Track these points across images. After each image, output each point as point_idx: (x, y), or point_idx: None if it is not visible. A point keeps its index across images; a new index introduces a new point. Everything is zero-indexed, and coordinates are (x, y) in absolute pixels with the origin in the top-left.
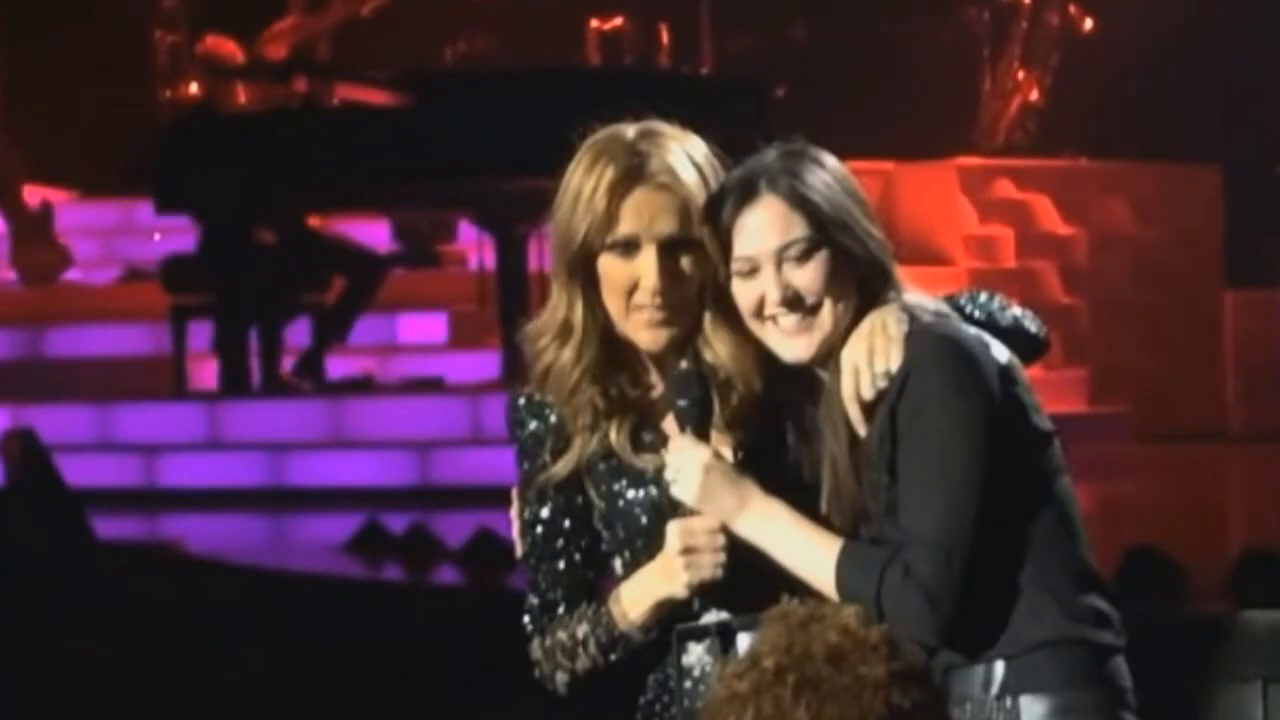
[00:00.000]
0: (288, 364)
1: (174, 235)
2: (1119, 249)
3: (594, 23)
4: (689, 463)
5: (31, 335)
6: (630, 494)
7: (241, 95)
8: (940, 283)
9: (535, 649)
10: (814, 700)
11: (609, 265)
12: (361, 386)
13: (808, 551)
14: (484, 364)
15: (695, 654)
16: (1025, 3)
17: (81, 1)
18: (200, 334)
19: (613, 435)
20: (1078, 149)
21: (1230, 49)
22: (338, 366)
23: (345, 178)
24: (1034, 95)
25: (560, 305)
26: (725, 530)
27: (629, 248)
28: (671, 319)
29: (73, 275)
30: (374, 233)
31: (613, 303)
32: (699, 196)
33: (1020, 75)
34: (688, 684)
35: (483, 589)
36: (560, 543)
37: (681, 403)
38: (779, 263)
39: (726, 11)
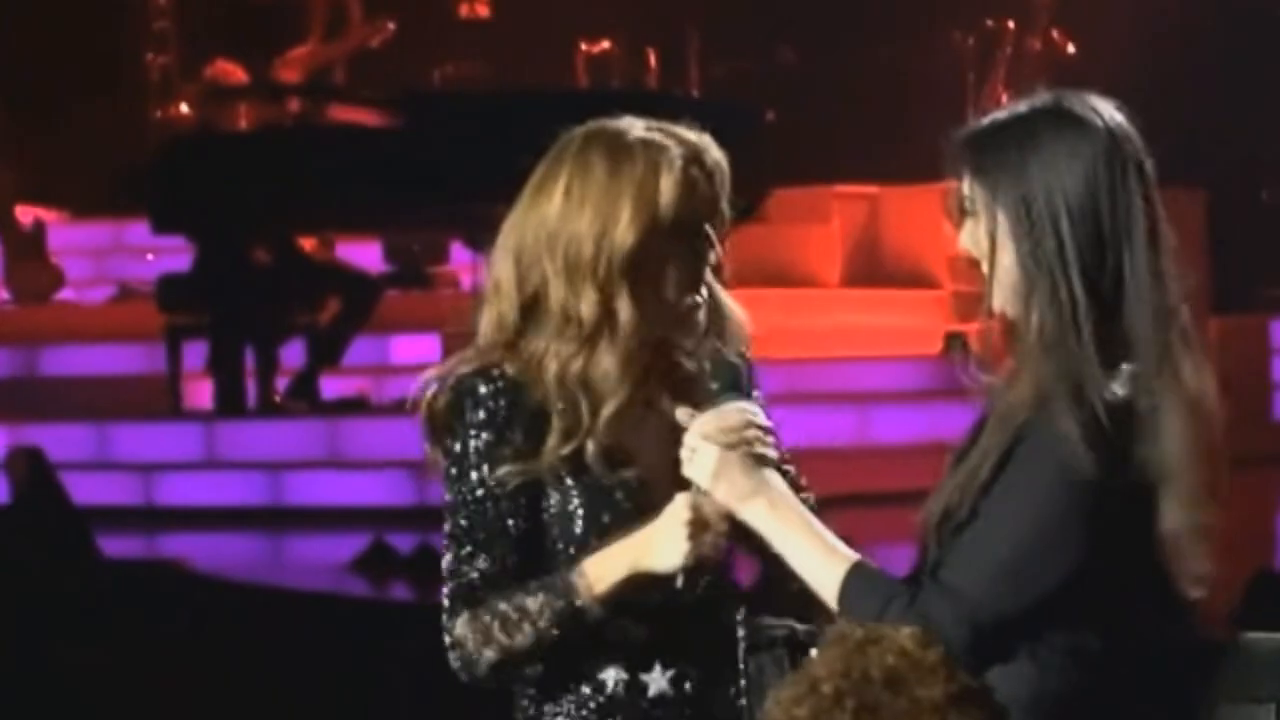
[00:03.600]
0: (283, 384)
1: (167, 255)
2: None
3: (583, 46)
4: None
5: (27, 354)
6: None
7: (239, 117)
8: (925, 306)
9: (460, 624)
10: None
11: (679, 250)
12: (356, 406)
13: (814, 556)
14: None
15: (657, 677)
16: (1009, 28)
17: (73, 22)
18: (194, 353)
19: (590, 448)
20: None
21: (1215, 74)
22: (331, 387)
23: (340, 199)
24: None
25: (585, 310)
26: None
27: (697, 230)
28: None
29: (65, 295)
30: (366, 254)
31: (669, 292)
32: (724, 167)
33: (1004, 99)
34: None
35: None
36: (514, 517)
37: (714, 385)
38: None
39: (714, 36)
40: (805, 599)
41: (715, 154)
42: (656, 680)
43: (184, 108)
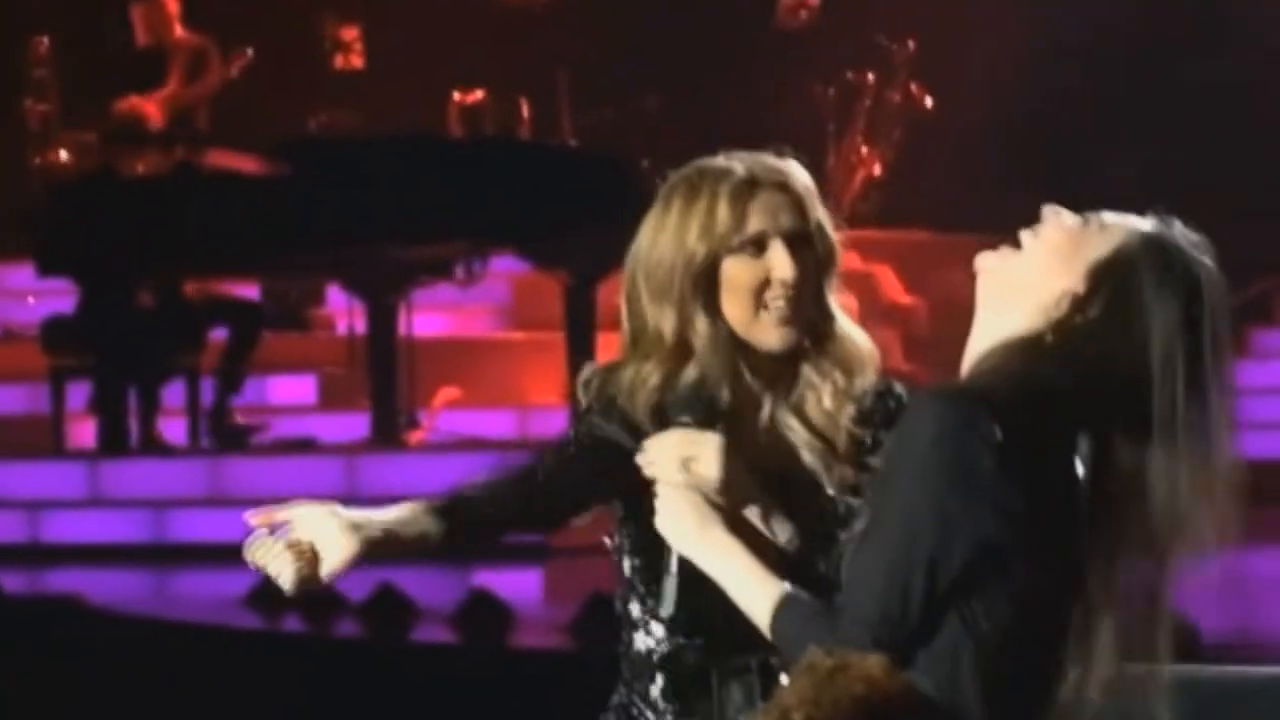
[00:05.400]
0: (163, 423)
1: (49, 298)
2: (959, 318)
3: (456, 95)
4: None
5: None
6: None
7: (131, 161)
8: None
9: None
10: None
11: (737, 267)
12: (238, 444)
13: (750, 588)
14: (352, 425)
15: (659, 684)
16: (869, 81)
17: None
18: (76, 394)
19: None
20: (922, 222)
21: (1066, 126)
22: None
23: (223, 244)
24: (877, 169)
25: (666, 330)
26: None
27: (758, 246)
28: (798, 315)
29: None
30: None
31: (738, 306)
32: (811, 191)
33: (864, 150)
34: (651, 715)
35: (386, 642)
36: (556, 472)
37: (684, 419)
38: None
39: (584, 87)
40: None
41: (793, 176)
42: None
43: (63, 154)
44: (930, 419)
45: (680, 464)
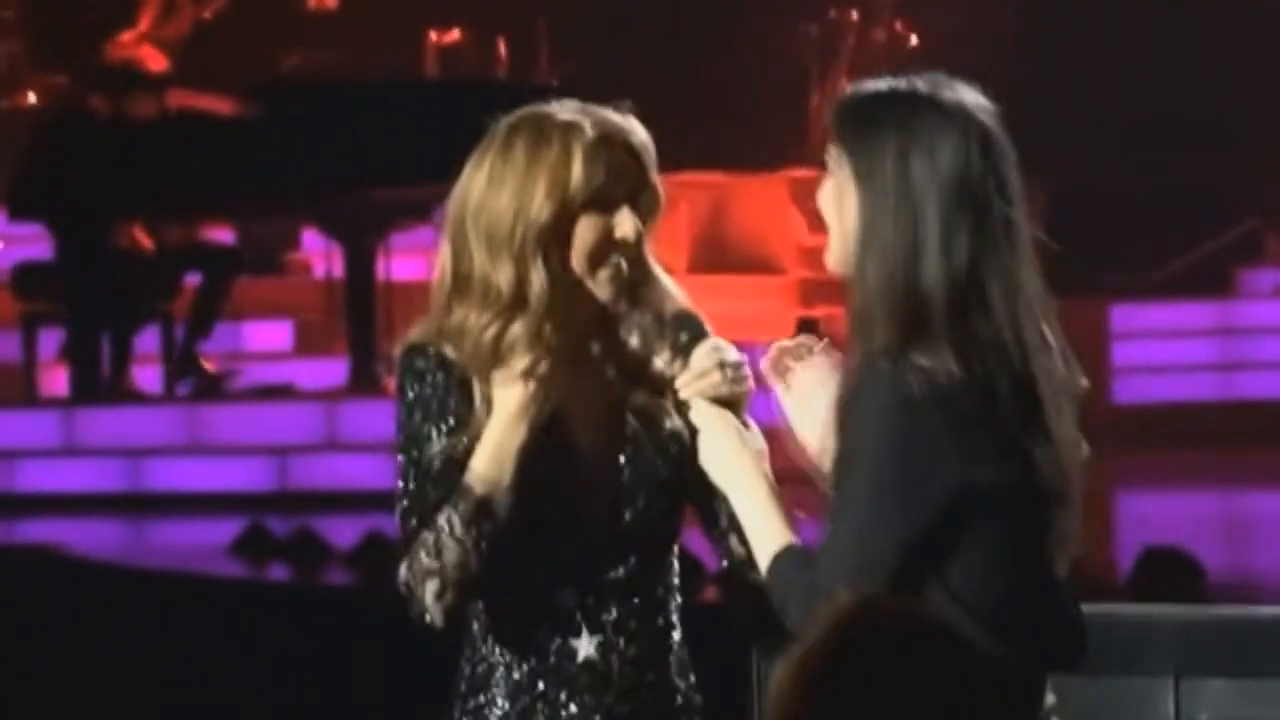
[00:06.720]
0: (137, 370)
1: (20, 243)
2: None
3: (432, 35)
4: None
5: None
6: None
7: (107, 104)
8: (772, 292)
9: (402, 571)
10: (874, 689)
11: (584, 226)
12: (209, 391)
13: (761, 529)
14: (329, 370)
15: (585, 643)
16: (853, 19)
17: None
18: (46, 341)
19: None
20: None
21: (1055, 64)
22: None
23: (198, 188)
24: None
25: (501, 281)
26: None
27: (606, 206)
28: (632, 273)
29: None
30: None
31: (579, 263)
32: (649, 150)
33: (848, 89)
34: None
35: (373, 589)
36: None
37: (684, 336)
38: None
39: (563, 26)
40: (760, 590)
41: (636, 135)
42: (585, 646)
43: (31, 96)
44: (880, 388)
45: (723, 372)
